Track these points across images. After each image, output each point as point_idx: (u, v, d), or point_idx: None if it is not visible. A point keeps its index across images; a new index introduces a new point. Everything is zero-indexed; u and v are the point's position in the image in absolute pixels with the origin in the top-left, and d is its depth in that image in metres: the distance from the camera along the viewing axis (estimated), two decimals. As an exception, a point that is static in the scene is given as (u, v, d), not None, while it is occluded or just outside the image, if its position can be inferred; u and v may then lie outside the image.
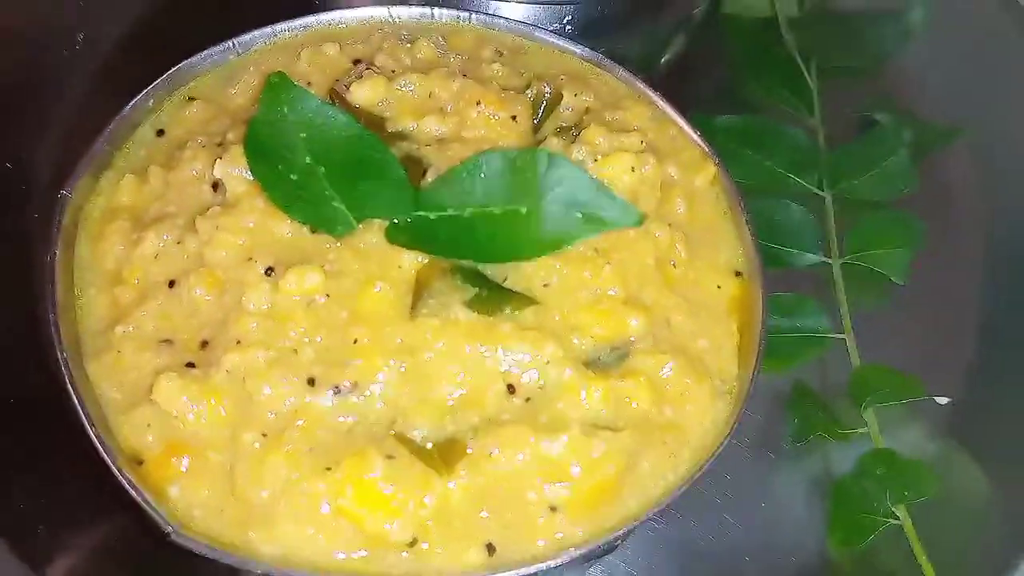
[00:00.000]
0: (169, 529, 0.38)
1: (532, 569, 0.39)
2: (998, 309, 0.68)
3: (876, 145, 0.72)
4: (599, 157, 0.48)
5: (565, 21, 0.64)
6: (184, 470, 0.40)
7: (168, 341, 0.42)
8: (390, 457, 0.39)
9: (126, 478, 0.38)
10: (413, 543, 0.39)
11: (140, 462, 0.40)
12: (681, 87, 0.76)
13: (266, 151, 0.45)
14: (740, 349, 0.47)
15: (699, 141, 0.52)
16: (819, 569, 0.57)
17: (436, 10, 0.56)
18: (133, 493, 0.38)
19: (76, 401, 0.39)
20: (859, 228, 0.69)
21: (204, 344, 0.42)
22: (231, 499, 0.39)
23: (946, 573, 0.55)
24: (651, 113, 0.53)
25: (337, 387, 0.41)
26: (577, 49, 0.55)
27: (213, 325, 0.42)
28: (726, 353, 0.46)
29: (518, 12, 0.66)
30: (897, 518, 0.56)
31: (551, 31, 0.60)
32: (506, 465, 0.40)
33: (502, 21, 0.56)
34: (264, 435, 0.40)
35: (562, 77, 0.54)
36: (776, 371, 0.63)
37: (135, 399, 0.41)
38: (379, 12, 0.56)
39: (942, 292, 0.68)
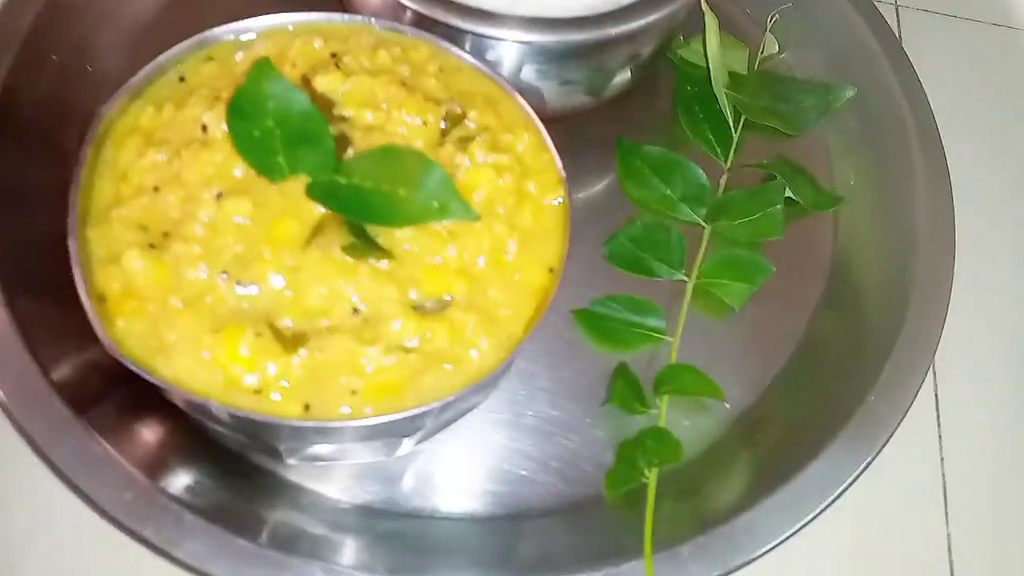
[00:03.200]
0: (107, 342, 0.57)
1: (333, 424, 0.57)
2: (806, 351, 0.83)
3: (759, 199, 0.84)
4: (474, 166, 0.66)
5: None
6: (130, 311, 0.58)
7: (143, 227, 0.61)
8: (258, 334, 0.57)
9: (90, 307, 0.58)
10: (258, 391, 0.57)
11: (103, 299, 0.59)
12: (621, 113, 0.90)
13: (242, 112, 0.63)
14: (528, 323, 0.62)
15: (561, 171, 0.67)
16: (596, 499, 0.72)
17: (404, 27, 0.73)
18: (91, 316, 0.57)
19: (71, 252, 0.59)
20: (715, 258, 0.83)
21: (165, 234, 0.60)
22: (154, 336, 0.57)
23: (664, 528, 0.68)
24: (535, 140, 0.68)
25: (240, 281, 0.59)
26: (498, 78, 0.71)
27: (173, 223, 0.60)
28: (518, 323, 0.61)
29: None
30: (646, 479, 0.71)
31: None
32: (332, 357, 0.57)
33: (446, 43, 0.72)
34: (184, 300, 0.58)
35: (478, 99, 0.70)
36: (613, 351, 0.79)
37: (111, 259, 0.59)
38: (363, 18, 0.73)
39: (769, 326, 0.82)
